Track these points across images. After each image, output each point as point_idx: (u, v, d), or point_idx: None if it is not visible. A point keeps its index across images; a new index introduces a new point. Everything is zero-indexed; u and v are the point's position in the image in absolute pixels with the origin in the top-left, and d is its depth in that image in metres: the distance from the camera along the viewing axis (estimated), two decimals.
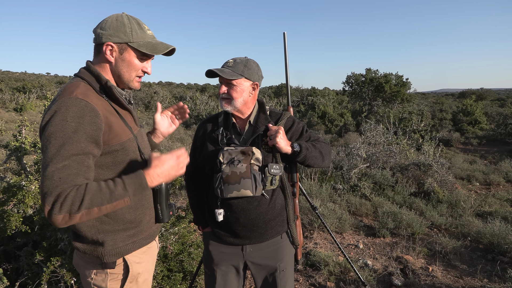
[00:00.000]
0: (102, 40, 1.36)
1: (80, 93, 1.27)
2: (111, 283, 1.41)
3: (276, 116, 1.85)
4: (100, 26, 1.37)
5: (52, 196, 1.14)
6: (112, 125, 1.33)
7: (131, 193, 1.26)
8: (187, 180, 2.01)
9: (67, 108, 1.22)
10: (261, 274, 1.83)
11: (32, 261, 2.67)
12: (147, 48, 1.40)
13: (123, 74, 1.42)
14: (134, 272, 1.44)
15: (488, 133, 14.81)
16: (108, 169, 1.35)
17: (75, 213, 1.16)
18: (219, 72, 1.65)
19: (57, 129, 1.19)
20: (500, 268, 3.66)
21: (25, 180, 2.87)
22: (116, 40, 1.36)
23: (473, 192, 6.73)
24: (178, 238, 3.06)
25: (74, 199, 1.16)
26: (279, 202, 1.79)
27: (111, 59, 1.39)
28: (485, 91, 42.85)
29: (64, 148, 1.18)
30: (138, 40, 1.39)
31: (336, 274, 3.50)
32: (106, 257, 1.36)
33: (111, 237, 1.36)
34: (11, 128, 11.56)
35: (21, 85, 30.18)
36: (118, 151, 1.36)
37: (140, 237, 1.46)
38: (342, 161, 6.98)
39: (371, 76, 20.32)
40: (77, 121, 1.21)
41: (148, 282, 1.56)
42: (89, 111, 1.24)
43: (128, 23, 1.38)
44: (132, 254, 1.45)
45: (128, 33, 1.37)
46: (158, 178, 1.34)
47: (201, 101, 20.61)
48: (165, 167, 1.35)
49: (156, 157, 1.36)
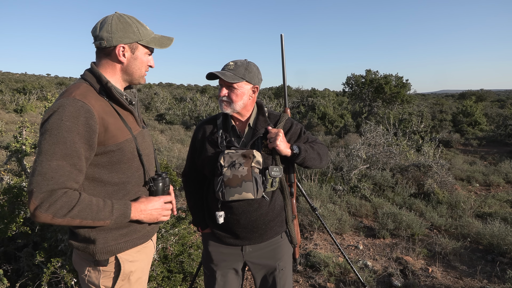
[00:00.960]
0: (113, 43, 1.39)
1: (79, 94, 1.31)
2: (103, 281, 1.44)
3: (275, 118, 1.86)
4: (106, 30, 1.38)
5: (42, 193, 1.19)
6: (108, 126, 1.35)
7: (114, 218, 1.34)
8: (185, 182, 2.02)
9: (64, 108, 1.25)
10: (260, 273, 1.85)
11: (33, 262, 2.67)
12: (156, 43, 1.47)
13: (135, 72, 1.47)
14: (126, 270, 1.46)
15: (488, 134, 14.80)
16: (104, 168, 1.38)
17: (59, 217, 1.22)
18: (220, 75, 1.66)
19: (52, 126, 1.23)
20: (500, 269, 3.66)
21: (25, 181, 2.88)
22: (127, 40, 1.40)
23: (473, 193, 6.73)
24: (178, 239, 3.06)
25: (63, 205, 1.22)
26: (278, 203, 1.81)
27: (123, 59, 1.43)
28: (485, 92, 42.84)
29: (58, 146, 1.22)
30: (146, 38, 1.45)
31: (336, 275, 3.50)
32: (97, 254, 1.38)
33: (103, 235, 1.38)
34: (11, 129, 11.58)
35: (21, 86, 30.19)
36: (114, 151, 1.38)
37: (133, 236, 1.47)
38: (342, 162, 6.99)
39: (371, 77, 20.32)
40: (71, 121, 1.25)
41: (142, 281, 1.56)
42: (85, 112, 1.27)
43: (131, 22, 1.42)
44: (125, 252, 1.46)
45: (136, 32, 1.42)
46: (140, 213, 1.43)
47: (201, 102, 20.63)
48: (148, 207, 1.45)
49: (146, 197, 1.47)
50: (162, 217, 1.51)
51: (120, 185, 1.43)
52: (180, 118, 19.16)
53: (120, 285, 1.46)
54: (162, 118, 18.91)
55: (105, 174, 1.38)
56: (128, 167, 1.44)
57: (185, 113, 20.26)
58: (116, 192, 1.42)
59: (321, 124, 16.61)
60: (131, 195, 1.46)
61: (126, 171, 1.43)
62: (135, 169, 1.47)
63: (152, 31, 1.51)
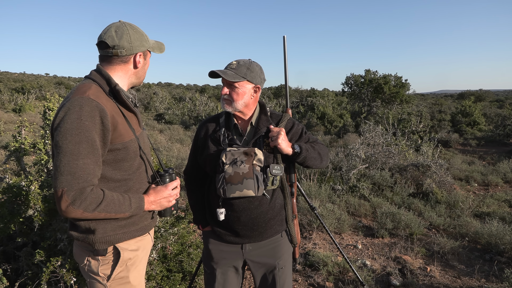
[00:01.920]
0: (134, 51, 1.52)
1: (92, 93, 1.39)
2: (102, 268, 1.51)
3: (277, 118, 1.88)
4: (127, 40, 1.49)
5: (73, 191, 1.29)
6: (117, 125, 1.44)
7: (132, 210, 1.47)
8: (187, 180, 2.03)
9: (81, 107, 1.33)
10: (260, 272, 1.86)
11: (32, 262, 2.67)
12: (156, 49, 1.65)
13: (143, 75, 1.64)
14: (125, 257, 1.53)
15: (487, 134, 14.83)
16: (108, 165, 1.46)
17: (89, 212, 1.34)
18: (222, 74, 1.67)
19: (72, 126, 1.31)
20: (498, 268, 3.67)
21: (24, 180, 2.88)
22: (143, 49, 1.56)
23: (471, 193, 6.75)
24: (177, 238, 3.07)
25: (92, 201, 1.33)
26: (279, 202, 1.82)
27: (139, 65, 1.58)
28: (483, 92, 42.91)
29: (81, 145, 1.31)
30: (151, 44, 1.62)
31: (335, 274, 3.51)
32: (97, 244, 1.46)
33: (102, 226, 1.45)
34: (10, 129, 11.56)
35: (20, 85, 30.13)
36: (120, 150, 1.46)
37: (131, 228, 1.54)
38: (341, 162, 7.00)
39: (370, 77, 20.34)
40: (90, 120, 1.33)
41: (139, 269, 1.63)
42: (100, 112, 1.36)
43: (142, 32, 1.57)
44: (124, 242, 1.54)
45: (147, 41, 1.58)
46: (151, 204, 1.56)
47: (201, 102, 20.63)
48: (157, 198, 1.58)
49: (153, 188, 1.60)
50: (170, 203, 1.64)
51: (122, 181, 1.50)
52: (179, 117, 19.16)
53: (119, 271, 1.53)
54: (161, 118, 18.92)
55: (109, 171, 1.46)
56: (130, 165, 1.53)
57: (184, 113, 20.27)
58: (118, 188, 1.49)
59: (320, 124, 16.64)
60: (133, 192, 1.54)
61: (128, 169, 1.52)
62: (136, 167, 1.56)
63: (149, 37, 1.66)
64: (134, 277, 1.59)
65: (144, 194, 1.56)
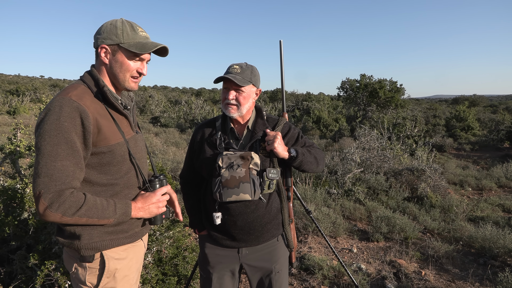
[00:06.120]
0: (98, 43, 1.44)
1: (75, 94, 1.34)
2: (89, 277, 1.45)
3: (273, 122, 1.89)
4: (97, 31, 1.45)
5: (51, 193, 1.24)
6: (101, 128, 1.38)
7: (117, 216, 1.40)
8: (183, 184, 2.02)
9: (60, 108, 1.28)
10: (256, 276, 1.86)
11: (26, 265, 2.65)
12: (137, 47, 1.45)
13: (117, 74, 1.48)
14: (111, 267, 1.46)
15: (481, 139, 14.98)
16: (93, 169, 1.41)
17: (68, 216, 1.28)
18: (233, 79, 1.67)
19: (51, 127, 1.26)
20: (491, 272, 3.71)
21: (19, 183, 2.86)
22: (109, 42, 1.43)
23: (466, 197, 6.80)
24: (173, 242, 3.06)
25: (72, 204, 1.27)
26: (275, 206, 1.82)
27: (106, 61, 1.46)
28: (478, 98, 43.29)
29: (60, 147, 1.26)
30: (128, 41, 1.45)
31: (330, 278, 3.52)
32: (82, 250, 1.40)
33: (88, 232, 1.39)
34: (4, 131, 11.47)
35: (15, 88, 29.92)
36: (104, 153, 1.41)
37: (119, 236, 1.48)
38: (336, 166, 7.03)
39: (365, 82, 20.45)
40: (70, 121, 1.28)
41: (128, 279, 1.56)
42: (80, 113, 1.31)
43: (120, 26, 1.44)
44: (111, 250, 1.47)
45: (119, 35, 1.43)
46: (139, 211, 1.48)
47: (196, 105, 20.61)
48: (146, 204, 1.50)
49: (142, 194, 1.53)
50: (160, 210, 1.55)
51: (108, 186, 1.45)
52: (175, 121, 19.12)
53: (105, 282, 1.46)
54: (157, 121, 18.86)
55: (94, 174, 1.41)
56: (118, 170, 1.46)
57: (180, 116, 20.22)
58: (103, 193, 1.43)
59: (316, 128, 16.69)
60: (120, 197, 1.48)
61: (115, 173, 1.46)
62: (125, 172, 1.49)
63: (145, 37, 1.51)
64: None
65: (132, 201, 1.48)
